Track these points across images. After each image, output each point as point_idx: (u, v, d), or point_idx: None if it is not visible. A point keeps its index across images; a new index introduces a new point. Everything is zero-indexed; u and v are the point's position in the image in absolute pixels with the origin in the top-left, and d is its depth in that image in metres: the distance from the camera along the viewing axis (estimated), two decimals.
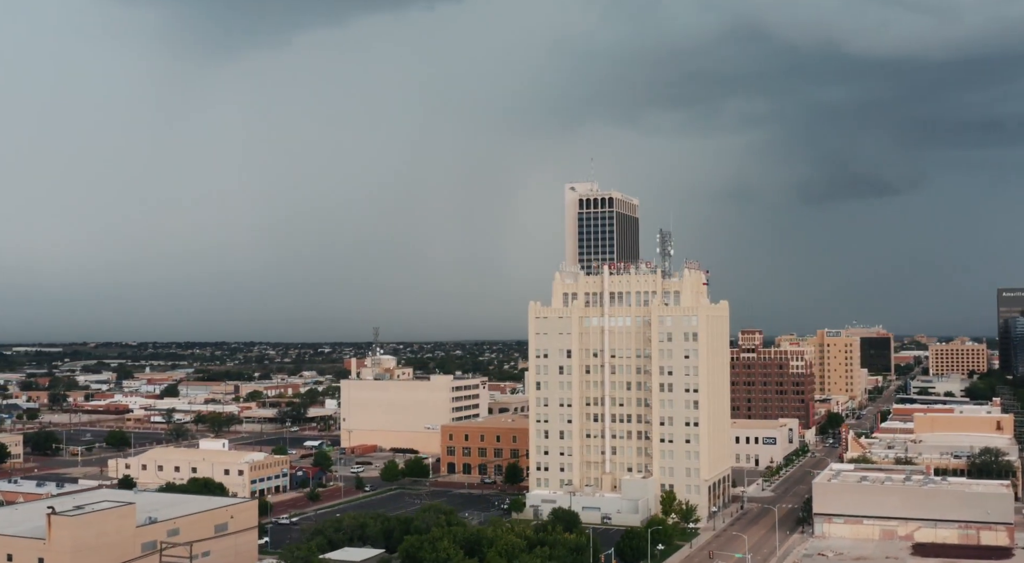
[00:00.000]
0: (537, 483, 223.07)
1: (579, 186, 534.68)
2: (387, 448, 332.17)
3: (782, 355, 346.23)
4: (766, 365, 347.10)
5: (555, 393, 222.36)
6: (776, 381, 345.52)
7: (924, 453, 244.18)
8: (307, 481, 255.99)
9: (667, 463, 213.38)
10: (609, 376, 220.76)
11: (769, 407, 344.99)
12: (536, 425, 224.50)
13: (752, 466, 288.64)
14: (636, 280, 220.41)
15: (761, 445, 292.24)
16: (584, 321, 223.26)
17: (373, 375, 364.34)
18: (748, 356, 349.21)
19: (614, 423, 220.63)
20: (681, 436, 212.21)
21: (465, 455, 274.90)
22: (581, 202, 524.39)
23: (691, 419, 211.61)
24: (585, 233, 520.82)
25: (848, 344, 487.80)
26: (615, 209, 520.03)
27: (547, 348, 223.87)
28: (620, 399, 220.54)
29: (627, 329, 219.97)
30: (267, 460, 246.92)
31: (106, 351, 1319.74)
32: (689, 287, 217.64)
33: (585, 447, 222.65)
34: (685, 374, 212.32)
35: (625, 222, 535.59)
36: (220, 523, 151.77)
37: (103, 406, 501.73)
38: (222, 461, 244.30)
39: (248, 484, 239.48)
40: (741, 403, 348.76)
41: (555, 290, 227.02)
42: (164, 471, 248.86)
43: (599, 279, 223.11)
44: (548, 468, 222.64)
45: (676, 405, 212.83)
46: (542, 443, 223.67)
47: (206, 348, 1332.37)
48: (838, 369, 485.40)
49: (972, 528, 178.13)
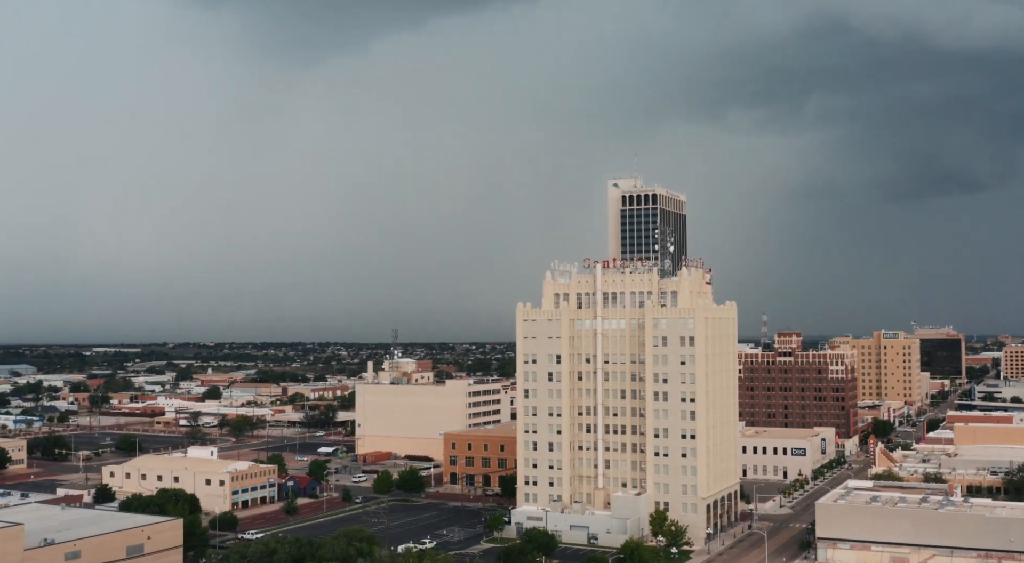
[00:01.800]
0: (525, 498, 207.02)
1: (622, 182, 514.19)
2: (402, 456, 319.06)
3: (820, 359, 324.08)
4: (804, 370, 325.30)
5: (543, 401, 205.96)
6: (815, 387, 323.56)
7: (959, 468, 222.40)
8: (297, 492, 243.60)
9: (662, 479, 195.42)
10: (602, 383, 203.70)
11: (807, 415, 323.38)
12: (524, 436, 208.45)
13: (780, 479, 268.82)
14: (631, 279, 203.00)
15: (789, 456, 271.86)
16: (576, 324, 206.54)
17: (390, 379, 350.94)
18: (785, 360, 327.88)
19: (607, 434, 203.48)
20: (677, 449, 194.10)
21: (468, 465, 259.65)
22: (624, 198, 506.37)
23: (687, 431, 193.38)
24: (627, 231, 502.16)
25: (906, 346, 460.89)
26: (659, 205, 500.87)
27: (535, 353, 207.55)
28: (614, 408, 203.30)
29: (621, 332, 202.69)
30: (251, 470, 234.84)
31: (182, 351, 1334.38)
32: (687, 287, 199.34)
33: (577, 460, 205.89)
34: (681, 382, 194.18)
35: (670, 219, 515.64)
36: (134, 544, 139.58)
37: (139, 409, 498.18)
38: (204, 470, 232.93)
39: (228, 495, 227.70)
40: (777, 410, 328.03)
41: (545, 290, 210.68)
42: (147, 480, 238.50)
43: (592, 278, 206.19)
44: (536, 482, 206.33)
45: (671, 415, 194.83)
46: (530, 455, 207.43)
47: (280, 349, 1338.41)
48: (895, 373, 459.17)
49: (993, 558, 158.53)
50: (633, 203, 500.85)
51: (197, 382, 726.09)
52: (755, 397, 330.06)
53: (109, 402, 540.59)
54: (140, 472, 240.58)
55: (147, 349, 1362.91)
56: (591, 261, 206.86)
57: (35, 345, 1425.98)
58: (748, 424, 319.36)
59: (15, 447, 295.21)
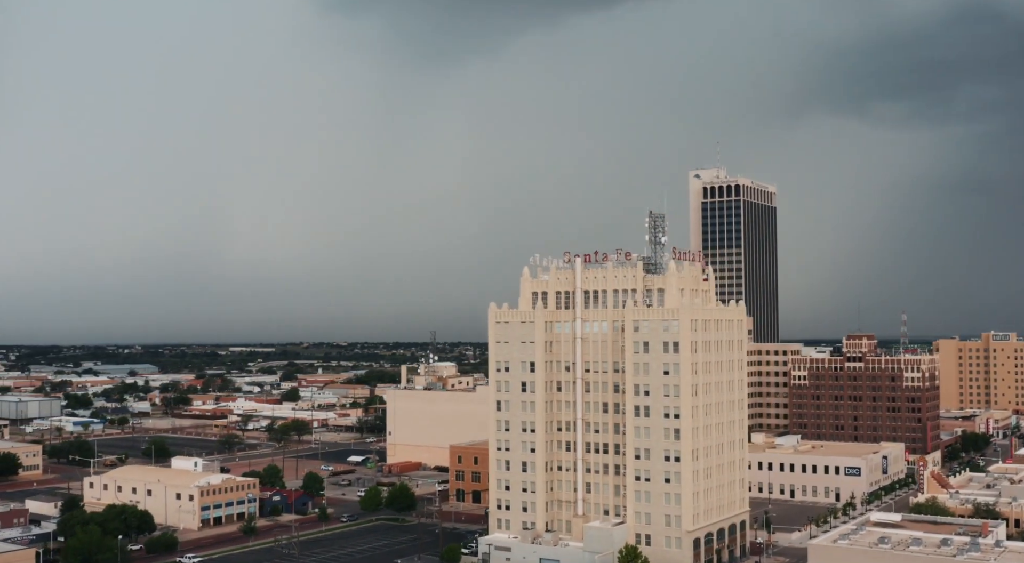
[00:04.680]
0: (497, 524, 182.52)
1: (704, 172, 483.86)
2: (432, 466, 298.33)
3: (894, 364, 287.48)
4: (875, 376, 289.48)
5: (516, 415, 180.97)
6: (888, 396, 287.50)
7: (1021, 498, 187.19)
8: (283, 508, 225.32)
9: (643, 507, 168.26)
10: (583, 395, 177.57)
11: (880, 427, 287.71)
12: (496, 454, 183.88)
13: (831, 502, 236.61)
14: (613, 275, 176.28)
15: (842, 476, 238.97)
16: (554, 327, 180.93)
17: (425, 383, 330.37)
18: (854, 366, 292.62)
19: (589, 454, 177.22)
20: (659, 473, 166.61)
21: (475, 481, 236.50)
22: (705, 190, 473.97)
23: (671, 452, 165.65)
24: (709, 224, 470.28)
25: (1019, 349, 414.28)
26: (742, 197, 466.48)
27: (508, 360, 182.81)
28: (596, 424, 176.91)
29: (604, 337, 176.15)
30: (225, 484, 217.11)
31: (313, 351, 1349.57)
32: (675, 284, 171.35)
33: (555, 482, 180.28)
34: (664, 394, 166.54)
35: (757, 212, 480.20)
36: None
37: (210, 411, 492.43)
38: (175, 483, 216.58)
39: (197, 511, 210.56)
40: (846, 422, 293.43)
41: (523, 288, 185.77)
42: (123, 492, 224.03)
43: (571, 274, 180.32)
44: (509, 507, 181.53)
45: (653, 434, 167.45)
46: (503, 476, 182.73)
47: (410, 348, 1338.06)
48: (1006, 378, 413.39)
49: None
50: (714, 195, 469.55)
51: (303, 382, 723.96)
52: (821, 407, 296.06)
53: (190, 403, 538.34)
54: (117, 484, 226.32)
55: (280, 348, 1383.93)
56: (570, 254, 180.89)
57: (175, 344, 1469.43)
58: (808, 437, 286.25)
59: (29, 452, 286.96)
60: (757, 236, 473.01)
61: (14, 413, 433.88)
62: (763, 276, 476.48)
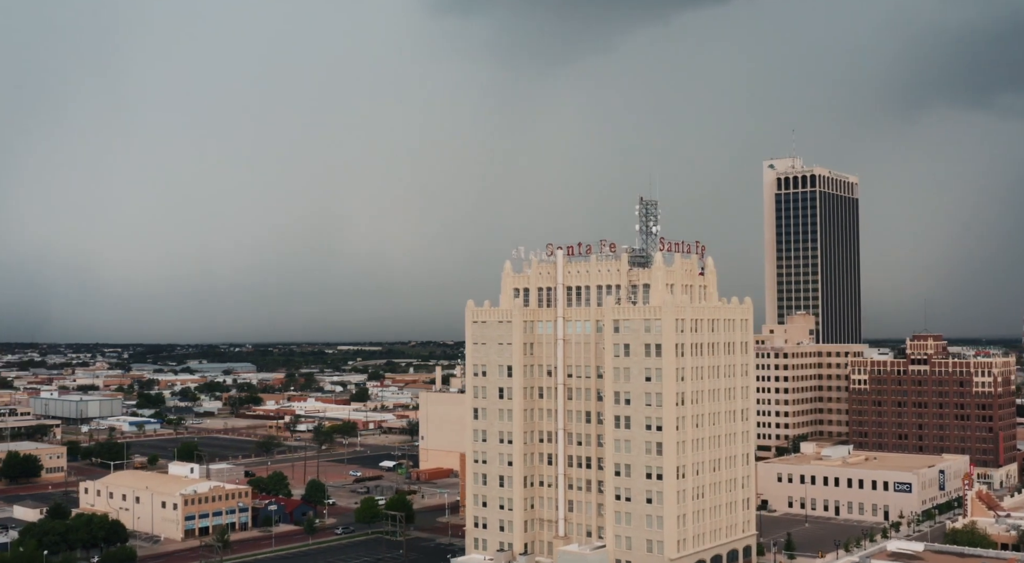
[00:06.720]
0: (474, 544, 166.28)
1: (778, 163, 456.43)
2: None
3: (962, 368, 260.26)
4: (942, 381, 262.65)
5: (494, 424, 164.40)
6: (956, 403, 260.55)
7: None
8: (280, 518, 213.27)
9: (624, 530, 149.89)
10: (564, 403, 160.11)
11: (946, 437, 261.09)
12: (473, 466, 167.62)
13: (879, 520, 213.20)
14: (596, 269, 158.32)
15: (892, 492, 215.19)
16: (535, 327, 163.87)
17: (460, 386, 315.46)
18: (919, 369, 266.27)
19: (571, 468, 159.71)
20: (640, 493, 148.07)
21: None
22: (779, 181, 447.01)
23: (652, 469, 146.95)
24: (783, 217, 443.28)
25: None
26: (818, 187, 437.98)
27: (485, 363, 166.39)
28: (578, 435, 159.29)
29: (587, 338, 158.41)
30: (212, 492, 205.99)
31: (420, 350, 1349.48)
32: (661, 279, 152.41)
33: (536, 499, 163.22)
34: (645, 403, 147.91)
35: (835, 204, 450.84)
36: None
37: (273, 411, 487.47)
38: (162, 491, 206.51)
39: (181, 521, 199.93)
40: (910, 431, 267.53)
41: (504, 284, 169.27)
42: (114, 499, 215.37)
43: (552, 269, 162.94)
44: (487, 525, 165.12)
45: (634, 448, 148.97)
46: (479, 491, 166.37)
47: None
48: None
49: None
50: (789, 186, 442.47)
51: (386, 382, 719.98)
52: (883, 414, 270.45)
53: (260, 403, 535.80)
54: (109, 490, 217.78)
55: (388, 347, 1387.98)
56: (553, 246, 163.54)
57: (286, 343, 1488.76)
58: (869, 447, 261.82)
59: (53, 454, 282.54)
60: (836, 230, 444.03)
61: (74, 412, 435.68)
62: (843, 272, 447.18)
